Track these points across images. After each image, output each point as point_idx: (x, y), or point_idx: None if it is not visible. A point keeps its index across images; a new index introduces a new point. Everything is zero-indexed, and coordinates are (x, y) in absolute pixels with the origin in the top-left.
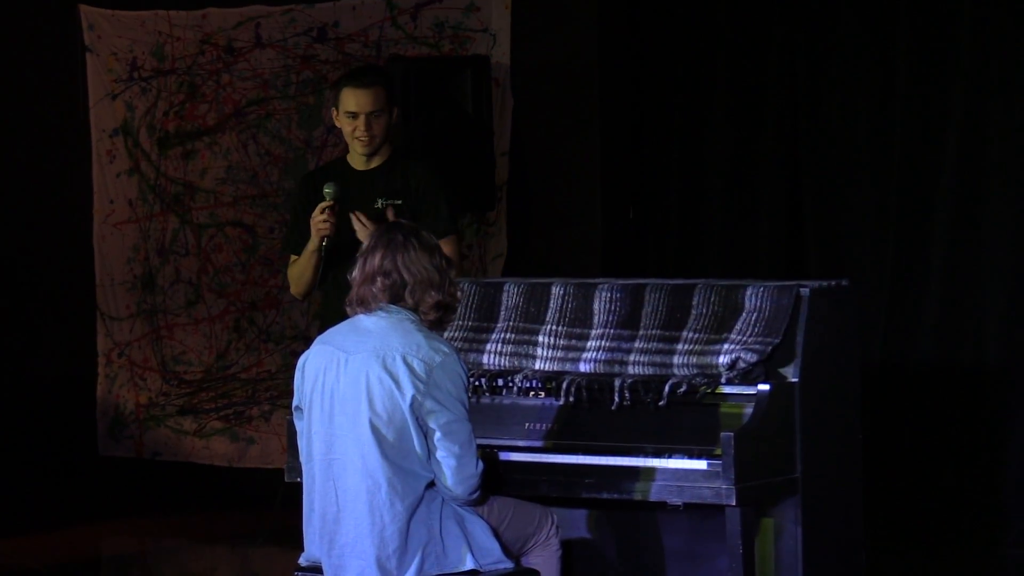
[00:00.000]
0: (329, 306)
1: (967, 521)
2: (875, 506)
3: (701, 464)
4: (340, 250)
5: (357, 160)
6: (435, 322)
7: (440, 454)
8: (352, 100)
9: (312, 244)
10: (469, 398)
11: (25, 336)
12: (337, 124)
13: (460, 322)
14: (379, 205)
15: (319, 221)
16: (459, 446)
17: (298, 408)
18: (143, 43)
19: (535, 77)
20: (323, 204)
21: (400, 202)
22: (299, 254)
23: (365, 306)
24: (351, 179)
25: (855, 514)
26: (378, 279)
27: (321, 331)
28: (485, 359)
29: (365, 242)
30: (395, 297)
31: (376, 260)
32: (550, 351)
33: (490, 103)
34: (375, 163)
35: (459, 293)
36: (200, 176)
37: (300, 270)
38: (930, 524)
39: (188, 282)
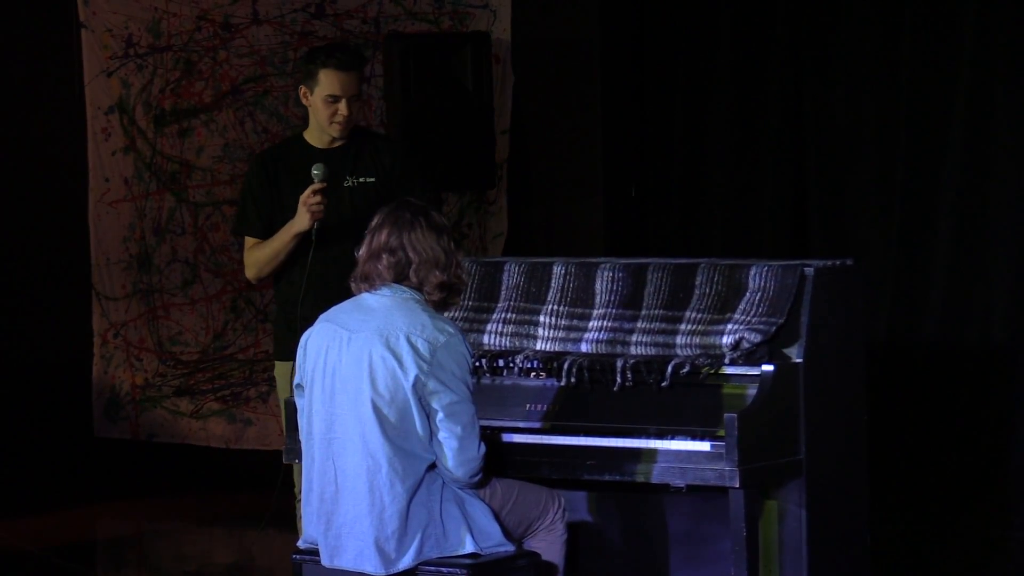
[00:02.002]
0: (323, 286)
1: (973, 503)
2: (880, 488)
3: (704, 446)
4: (320, 237)
5: (319, 139)
6: (439, 302)
7: (442, 435)
8: (336, 83)
9: (300, 226)
10: (473, 393)
11: (20, 316)
12: (306, 103)
13: (461, 302)
14: (349, 183)
15: (313, 204)
16: (461, 427)
17: (299, 386)
18: (139, 19)
19: (536, 53)
20: (314, 186)
21: (373, 179)
22: (259, 236)
23: (369, 283)
24: (312, 158)
25: (860, 496)
26: (384, 256)
27: (294, 314)
28: (486, 339)
29: (373, 219)
30: (400, 275)
31: (383, 237)
32: (551, 331)
33: (490, 80)
34: (338, 142)
35: (465, 275)
36: (197, 154)
37: (273, 252)
38: (935, 506)
39: (184, 261)
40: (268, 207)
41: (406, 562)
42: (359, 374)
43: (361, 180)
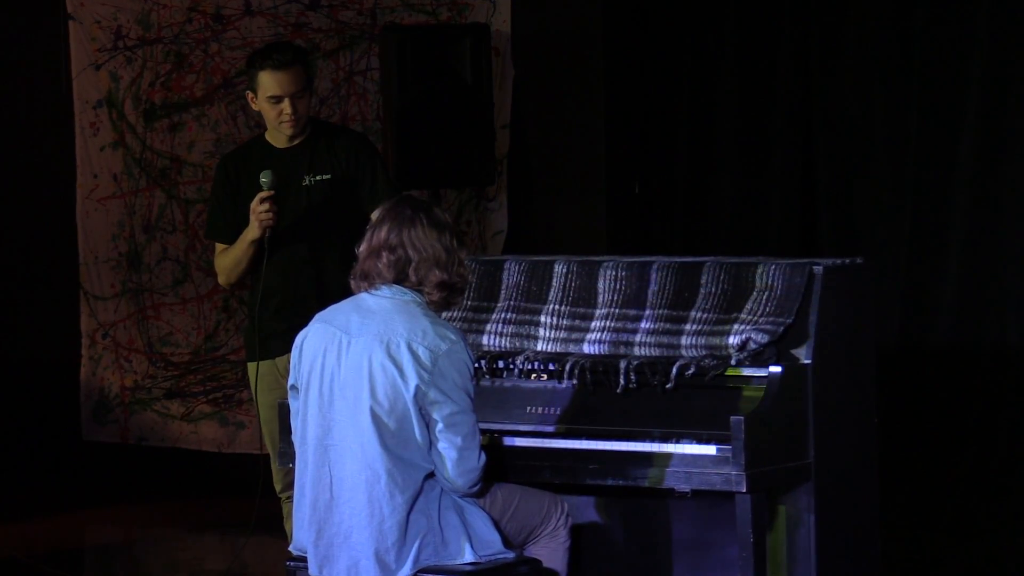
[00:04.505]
0: (284, 286)
1: (986, 507)
2: (891, 492)
3: (710, 449)
4: (278, 237)
5: (278, 138)
6: (439, 302)
7: (441, 445)
8: (274, 83)
9: (252, 234)
10: (474, 402)
11: (6, 316)
12: (255, 108)
13: (461, 302)
14: (307, 182)
15: (261, 212)
16: (461, 438)
17: (294, 387)
18: (128, 11)
19: (537, 46)
20: (262, 195)
21: (329, 176)
22: (227, 241)
23: (369, 281)
24: (274, 158)
25: (870, 500)
26: (383, 254)
27: (256, 318)
28: (485, 340)
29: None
30: (399, 273)
31: (382, 234)
32: (553, 331)
33: (490, 73)
34: (298, 140)
35: (468, 274)
36: (187, 149)
37: (234, 260)
38: (948, 510)
39: (175, 260)
40: (233, 212)
41: (404, 572)
42: (358, 381)
43: (318, 178)
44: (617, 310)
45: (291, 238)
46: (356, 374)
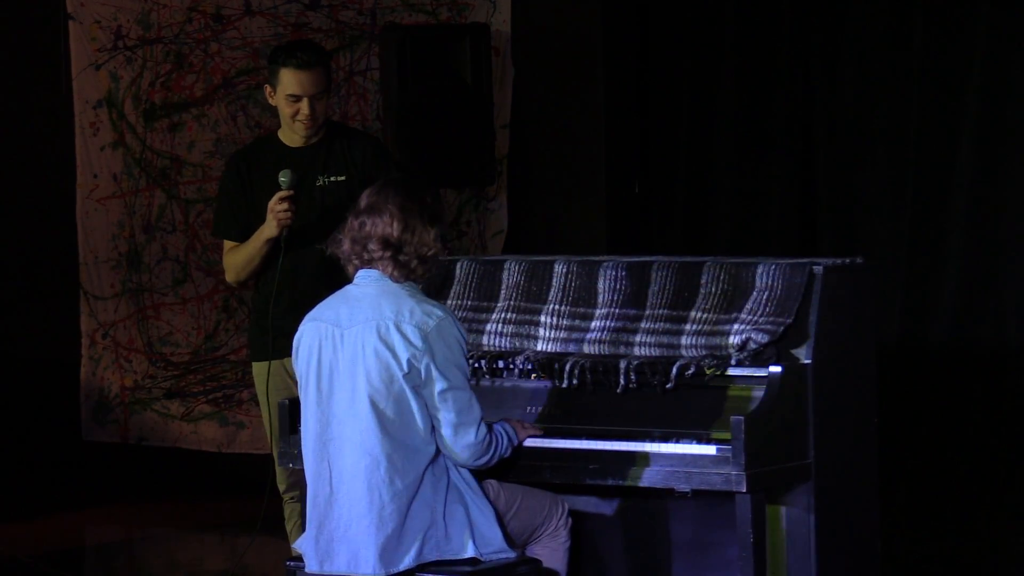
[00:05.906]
0: (294, 288)
1: (987, 506)
2: (891, 492)
3: (710, 449)
4: (290, 237)
5: (292, 137)
6: (393, 264)
7: (438, 419)
8: (294, 82)
9: (269, 232)
10: (468, 377)
11: (5, 316)
12: (272, 103)
13: (459, 301)
14: (321, 183)
15: (280, 211)
16: (455, 414)
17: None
18: (128, 10)
19: (537, 45)
20: (281, 194)
21: (344, 178)
22: (236, 239)
23: (335, 242)
24: (287, 158)
25: (870, 500)
26: (349, 218)
27: (266, 318)
28: (485, 340)
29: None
30: (358, 231)
31: (361, 203)
32: (553, 331)
33: (490, 73)
34: (313, 140)
35: (429, 249)
36: (187, 149)
37: (247, 257)
38: (948, 510)
39: (175, 260)
40: (243, 209)
41: (406, 563)
42: (354, 368)
43: (332, 179)
44: (617, 310)
45: (303, 238)
46: (352, 362)
